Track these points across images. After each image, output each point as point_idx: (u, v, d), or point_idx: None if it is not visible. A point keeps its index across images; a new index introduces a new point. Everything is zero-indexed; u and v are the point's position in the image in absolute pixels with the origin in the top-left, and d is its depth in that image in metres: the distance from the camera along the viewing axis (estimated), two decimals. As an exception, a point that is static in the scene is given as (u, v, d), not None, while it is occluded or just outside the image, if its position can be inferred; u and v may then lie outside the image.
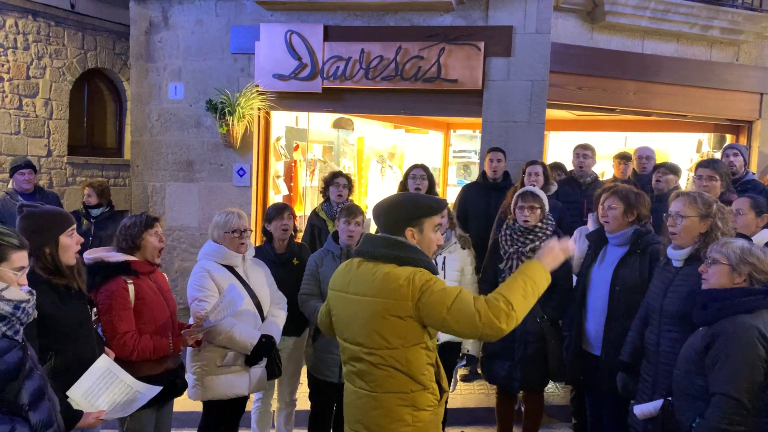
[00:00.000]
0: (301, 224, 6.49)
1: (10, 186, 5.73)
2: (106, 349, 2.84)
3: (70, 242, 2.64)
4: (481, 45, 5.87)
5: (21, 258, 2.16)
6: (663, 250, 3.08)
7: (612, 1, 6.07)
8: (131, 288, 2.98)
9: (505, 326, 2.16)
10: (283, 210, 3.97)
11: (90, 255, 3.02)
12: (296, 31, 6.08)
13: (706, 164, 4.31)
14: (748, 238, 3.14)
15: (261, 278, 3.66)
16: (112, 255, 3.03)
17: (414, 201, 2.45)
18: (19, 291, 2.13)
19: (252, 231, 6.22)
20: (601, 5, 6.09)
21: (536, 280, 2.26)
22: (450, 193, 8.87)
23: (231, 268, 3.49)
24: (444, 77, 5.92)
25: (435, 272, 2.32)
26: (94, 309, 3.00)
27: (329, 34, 6.10)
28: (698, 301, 2.59)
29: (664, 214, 3.04)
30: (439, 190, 7.89)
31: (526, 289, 2.22)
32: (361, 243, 2.46)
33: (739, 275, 2.50)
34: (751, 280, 2.49)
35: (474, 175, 8.69)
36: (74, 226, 2.70)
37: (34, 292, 2.21)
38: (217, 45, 6.39)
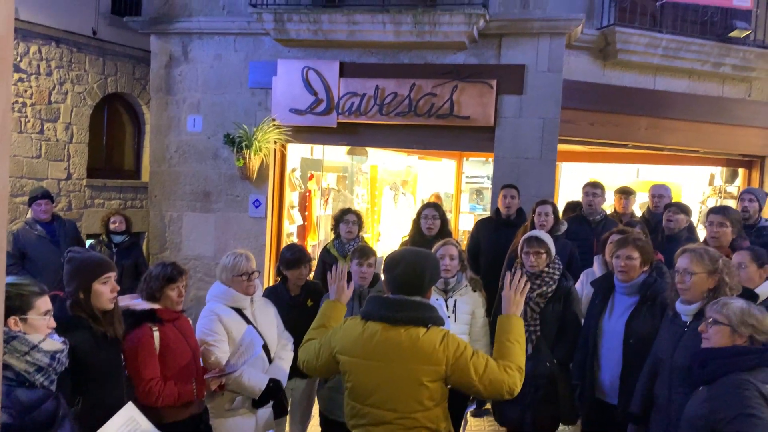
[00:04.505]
0: (314, 254, 6.58)
1: (29, 215, 5.88)
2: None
3: (103, 289, 2.75)
4: (494, 83, 5.97)
5: (45, 302, 2.28)
6: (671, 303, 3.12)
7: (624, 39, 6.14)
8: (156, 335, 3.05)
9: (520, 387, 2.43)
10: (300, 262, 3.98)
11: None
12: (313, 67, 6.22)
13: (717, 211, 4.38)
14: (752, 291, 3.19)
15: (268, 319, 3.68)
16: (138, 303, 3.13)
17: (434, 262, 2.57)
18: (55, 342, 2.24)
19: (263, 268, 6.35)
20: (613, 43, 6.16)
21: (520, 332, 2.53)
22: (462, 220, 8.92)
23: (239, 310, 3.52)
24: (457, 114, 6.02)
25: (444, 323, 2.50)
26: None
27: (345, 70, 6.23)
28: (698, 359, 2.61)
29: (670, 270, 3.08)
30: (451, 216, 7.94)
31: (521, 346, 2.51)
32: (380, 307, 2.47)
33: (740, 336, 2.52)
34: (752, 340, 2.51)
35: (486, 200, 8.75)
36: (111, 273, 2.80)
37: (67, 341, 2.32)
38: (235, 79, 6.54)
